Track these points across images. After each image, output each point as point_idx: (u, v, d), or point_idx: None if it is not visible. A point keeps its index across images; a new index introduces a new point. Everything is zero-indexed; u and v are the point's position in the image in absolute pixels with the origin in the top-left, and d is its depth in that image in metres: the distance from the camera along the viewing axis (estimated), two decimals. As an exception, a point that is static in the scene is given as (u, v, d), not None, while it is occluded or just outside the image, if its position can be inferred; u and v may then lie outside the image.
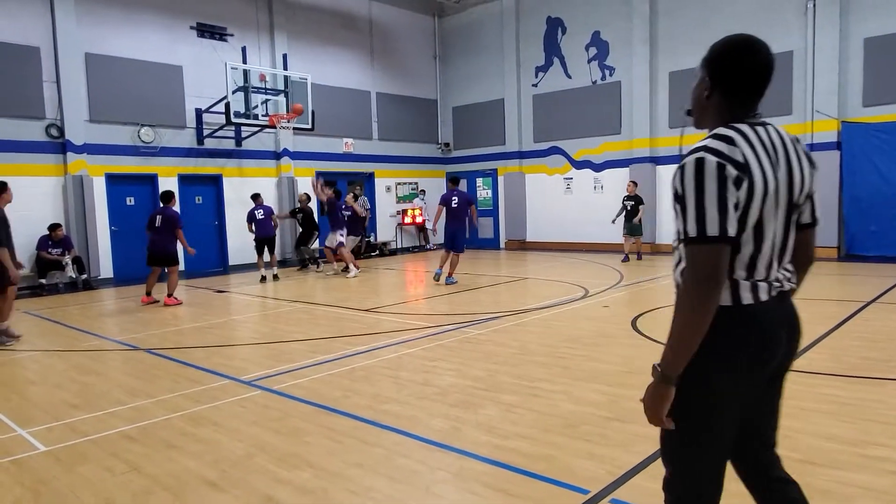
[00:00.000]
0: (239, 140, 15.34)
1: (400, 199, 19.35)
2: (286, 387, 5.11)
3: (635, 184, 14.21)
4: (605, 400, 4.53)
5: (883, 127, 12.65)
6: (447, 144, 20.64)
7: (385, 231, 18.86)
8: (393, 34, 19.10)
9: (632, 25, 16.05)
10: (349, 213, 13.64)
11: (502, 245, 19.45)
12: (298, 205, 14.75)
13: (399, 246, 19.29)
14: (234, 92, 13.83)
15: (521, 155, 18.85)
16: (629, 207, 13.95)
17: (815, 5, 13.31)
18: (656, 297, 9.23)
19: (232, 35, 15.16)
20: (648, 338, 6.46)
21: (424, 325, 7.48)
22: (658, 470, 3.31)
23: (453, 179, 11.96)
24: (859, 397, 4.42)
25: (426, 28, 20.13)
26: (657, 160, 16.06)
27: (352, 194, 14.21)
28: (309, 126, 15.18)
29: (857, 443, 3.60)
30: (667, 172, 15.81)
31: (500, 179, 19.36)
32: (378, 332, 7.23)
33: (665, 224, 16.06)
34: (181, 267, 11.49)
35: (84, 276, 12.29)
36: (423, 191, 19.87)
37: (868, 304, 7.99)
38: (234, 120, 13.96)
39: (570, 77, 17.58)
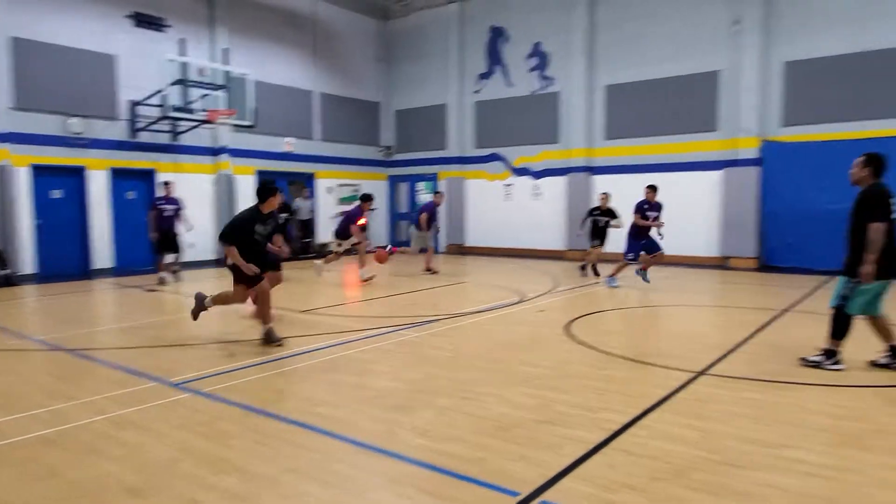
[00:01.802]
0: (175, 134, 14.88)
1: (341, 201, 19.19)
2: (217, 389, 5.00)
3: (608, 195, 12.41)
4: (537, 403, 4.63)
5: (800, 147, 13.44)
6: (389, 147, 20.62)
7: (325, 233, 18.63)
8: (337, 34, 18.95)
9: (571, 38, 16.47)
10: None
11: (442, 249, 19.56)
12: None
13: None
14: (171, 85, 13.44)
15: (462, 160, 19.04)
16: (602, 224, 12.26)
17: (740, 28, 14.02)
18: (590, 303, 9.49)
19: (170, 26, 14.70)
20: (580, 342, 6.64)
21: (361, 328, 7.45)
22: (586, 471, 3.43)
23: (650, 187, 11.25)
24: (776, 401, 4.68)
25: (371, 30, 20.07)
26: (593, 170, 16.53)
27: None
28: (250, 123, 14.88)
29: (774, 445, 3.80)
30: (603, 182, 16.29)
31: (441, 184, 19.49)
32: (314, 333, 7.15)
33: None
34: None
35: (6, 272, 11.64)
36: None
37: (783, 312, 8.47)
38: (170, 114, 13.55)
39: (511, 85, 17.89)
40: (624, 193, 15.90)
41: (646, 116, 15.58)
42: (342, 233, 11.96)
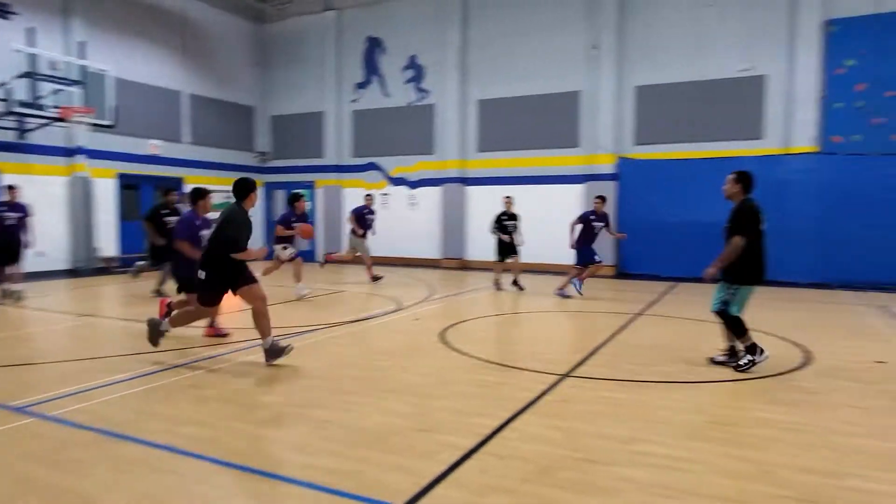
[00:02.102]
0: (22, 132, 13.52)
1: (213, 208, 18.30)
2: (67, 412, 4.59)
3: (511, 199, 12.39)
4: (414, 411, 4.68)
5: (650, 164, 14.69)
6: (265, 153, 20.03)
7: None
8: (209, 34, 18.16)
9: (445, 53, 16.90)
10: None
11: (319, 258, 19.22)
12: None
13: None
14: (17, 77, 12.27)
15: (340, 169, 18.89)
16: (510, 229, 11.96)
17: (597, 52, 15.09)
18: (464, 310, 9.74)
19: (17, 14, 13.39)
20: (455, 349, 6.79)
21: (233, 340, 7.16)
22: (460, 477, 3.51)
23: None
24: (631, 399, 5.05)
25: (245, 32, 19.42)
26: (466, 181, 17.01)
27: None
28: (109, 123, 13.86)
29: (629, 440, 4.10)
30: (476, 193, 16.82)
31: (319, 192, 19.20)
32: (180, 347, 6.76)
33: (475, 241, 16.99)
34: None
35: None
36: None
37: (637, 315, 9.17)
38: (15, 109, 12.35)
39: (388, 96, 18.04)
40: (498, 204, 16.57)
41: (515, 131, 16.32)
42: (284, 238, 10.81)
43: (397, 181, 18.02)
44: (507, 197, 12.41)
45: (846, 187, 12.83)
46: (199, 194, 7.52)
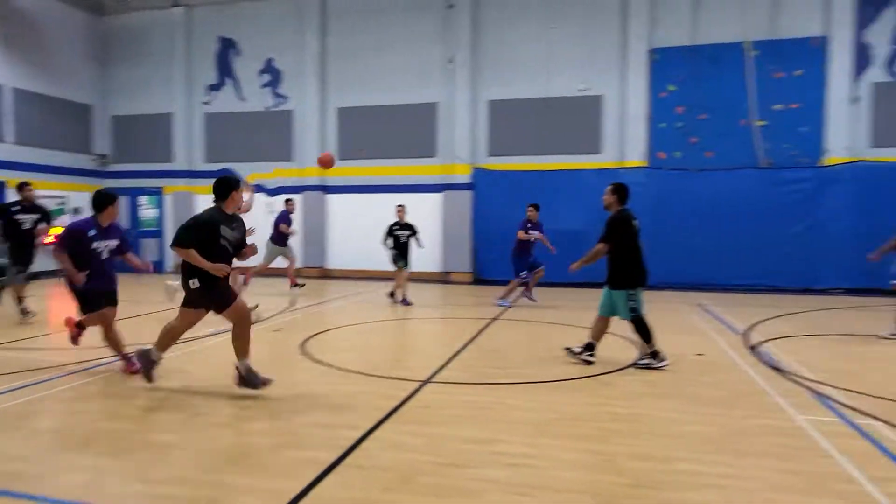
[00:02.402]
0: None
1: (56, 215, 16.53)
2: None
3: (404, 207, 11.76)
4: (272, 428, 4.54)
5: (502, 174, 15.42)
6: (105, 156, 18.45)
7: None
8: (37, 23, 16.41)
9: (304, 58, 16.63)
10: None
11: (169, 269, 18.04)
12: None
13: (42, 269, 16.40)
14: None
15: (192, 174, 17.87)
16: (403, 239, 11.44)
17: (453, 66, 15.63)
18: (325, 320, 9.61)
19: None
20: (316, 360, 6.67)
21: (69, 362, 6.51)
22: (321, 493, 3.44)
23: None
24: (487, 401, 5.25)
25: (82, 24, 17.79)
26: (327, 189, 16.81)
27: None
28: None
29: (486, 441, 4.25)
30: (337, 201, 16.67)
31: (167, 199, 18.05)
32: (5, 372, 6.04)
33: (335, 249, 16.81)
34: None
35: None
36: (76, 208, 17.35)
37: (493, 321, 9.55)
38: None
39: (243, 100, 17.40)
40: (359, 212, 16.50)
41: (375, 139, 16.41)
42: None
43: (254, 188, 17.36)
44: (400, 206, 11.69)
45: (669, 198, 14.28)
46: (102, 200, 6.54)
